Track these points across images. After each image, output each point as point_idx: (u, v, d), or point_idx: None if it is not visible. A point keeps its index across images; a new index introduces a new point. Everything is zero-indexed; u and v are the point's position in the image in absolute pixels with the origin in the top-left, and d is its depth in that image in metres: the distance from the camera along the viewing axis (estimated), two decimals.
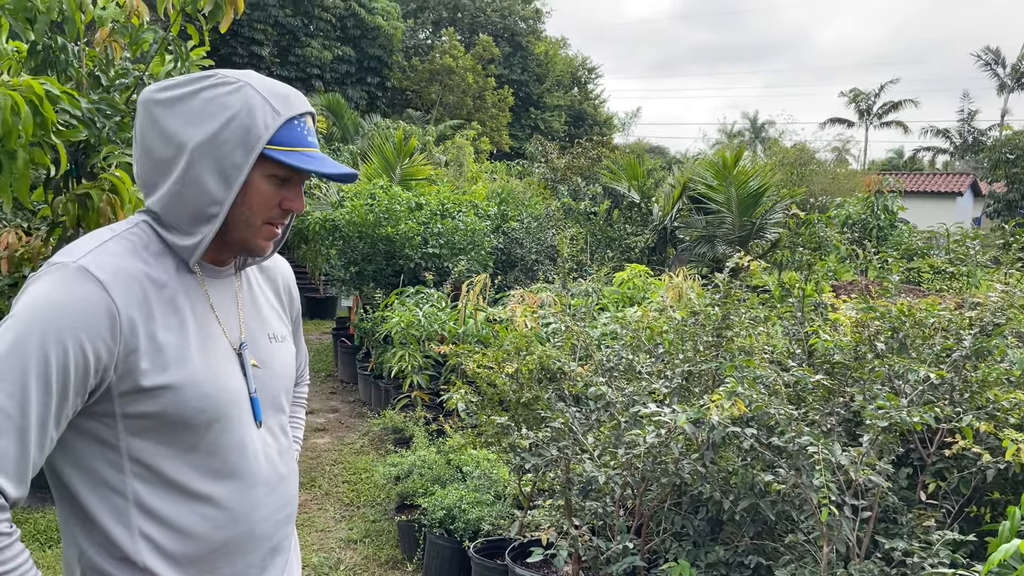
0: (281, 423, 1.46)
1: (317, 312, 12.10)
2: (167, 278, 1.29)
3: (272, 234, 1.36)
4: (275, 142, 1.28)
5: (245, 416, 1.35)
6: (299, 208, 1.35)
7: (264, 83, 1.31)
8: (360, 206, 8.11)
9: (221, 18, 4.11)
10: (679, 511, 2.78)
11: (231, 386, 1.33)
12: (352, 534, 4.47)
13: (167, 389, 1.23)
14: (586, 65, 37.16)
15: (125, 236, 1.29)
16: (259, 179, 1.30)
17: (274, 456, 1.40)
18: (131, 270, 1.25)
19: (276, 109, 1.29)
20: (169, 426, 1.25)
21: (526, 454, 2.84)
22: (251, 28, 22.85)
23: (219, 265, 1.39)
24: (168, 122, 1.28)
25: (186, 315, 1.30)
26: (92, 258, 1.22)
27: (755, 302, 3.18)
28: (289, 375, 1.50)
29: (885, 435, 2.16)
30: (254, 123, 1.27)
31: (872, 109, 45.52)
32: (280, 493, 1.41)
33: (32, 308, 1.17)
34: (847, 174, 23.89)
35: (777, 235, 11.36)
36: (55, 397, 1.16)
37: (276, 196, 1.33)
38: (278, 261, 1.60)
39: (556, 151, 18.30)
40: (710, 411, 2.19)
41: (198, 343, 1.29)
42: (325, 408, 7.22)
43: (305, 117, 1.33)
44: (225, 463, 1.31)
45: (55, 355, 1.15)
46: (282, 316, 1.55)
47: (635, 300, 6.50)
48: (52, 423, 1.17)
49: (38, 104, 3.45)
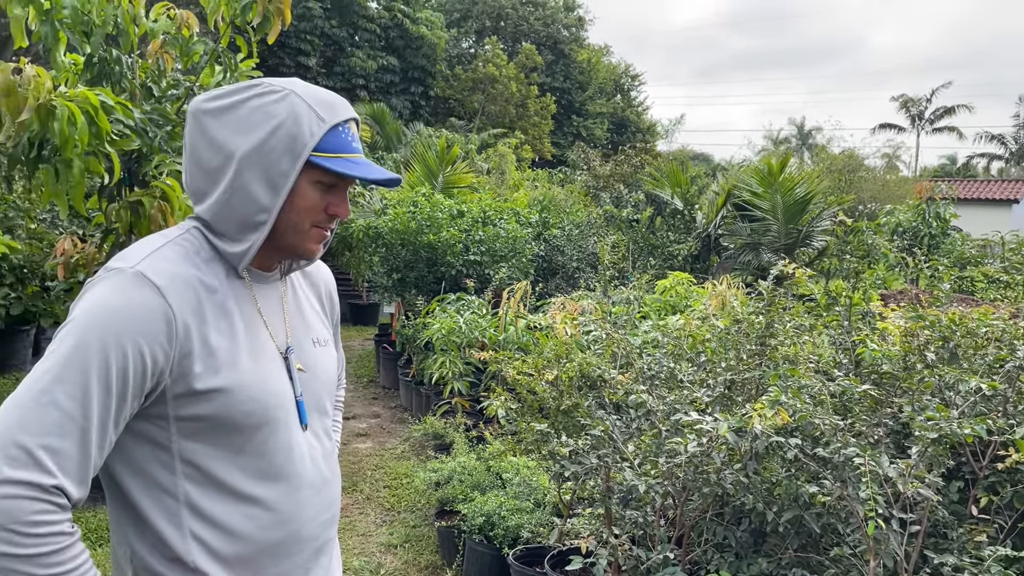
0: (325, 426, 1.48)
1: (360, 318, 12.23)
2: (218, 283, 1.32)
3: (321, 237, 1.38)
4: (320, 149, 1.30)
5: (291, 419, 1.37)
6: (345, 213, 1.37)
7: (309, 91, 1.33)
8: (403, 214, 8.19)
9: (269, 30, 4.20)
10: (721, 522, 2.74)
11: (279, 390, 1.35)
12: (392, 539, 4.50)
13: (219, 392, 1.26)
14: (629, 72, 37.04)
15: (178, 242, 1.32)
16: (306, 185, 1.32)
17: (319, 458, 1.42)
18: (185, 275, 1.27)
19: (321, 116, 1.30)
20: (220, 428, 1.27)
21: (566, 461, 2.83)
22: (298, 39, 23.28)
23: (266, 271, 1.42)
24: (217, 131, 1.30)
25: (236, 320, 1.32)
26: (148, 263, 1.25)
27: (800, 310, 3.13)
28: (332, 379, 1.52)
29: (935, 447, 2.10)
30: (300, 131, 1.29)
31: (924, 114, 44.51)
32: (325, 495, 1.43)
33: (92, 313, 1.20)
34: (897, 181, 23.38)
35: (824, 243, 11.16)
36: (115, 399, 1.18)
37: (322, 202, 1.35)
38: (320, 267, 1.63)
39: (599, 158, 18.25)
40: (753, 420, 2.15)
41: (247, 347, 1.32)
42: (367, 413, 7.28)
43: (349, 123, 1.35)
44: (272, 465, 1.33)
45: (115, 358, 1.17)
46: (324, 321, 1.58)
47: (678, 308, 6.44)
48: (112, 425, 1.20)
49: (94, 114, 3.56)
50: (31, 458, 1.10)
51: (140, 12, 4.18)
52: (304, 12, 23.48)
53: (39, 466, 1.11)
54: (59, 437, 1.12)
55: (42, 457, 1.11)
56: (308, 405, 1.42)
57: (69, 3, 3.92)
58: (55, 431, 1.12)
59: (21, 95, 3.43)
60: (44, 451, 1.11)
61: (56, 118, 3.45)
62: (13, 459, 1.10)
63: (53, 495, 1.11)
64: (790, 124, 49.93)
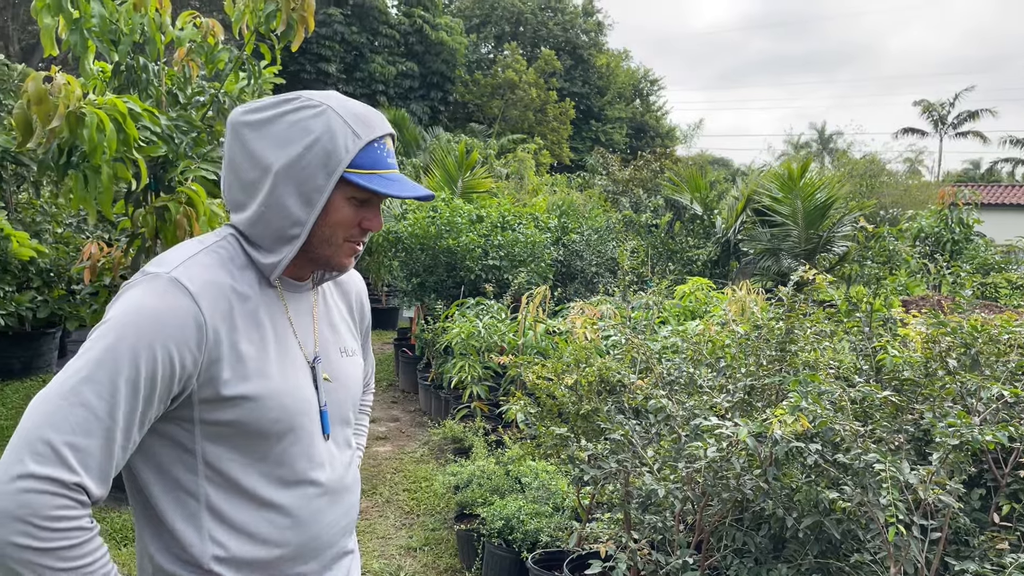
0: (347, 436, 1.50)
1: (380, 322, 12.30)
2: (250, 291, 1.34)
3: (353, 251, 1.40)
4: (355, 165, 1.32)
5: (315, 428, 1.39)
6: (377, 227, 1.39)
7: (346, 105, 1.34)
8: (422, 218, 8.24)
9: (293, 37, 4.26)
10: (741, 527, 2.74)
11: (305, 398, 1.37)
12: (412, 542, 4.53)
13: (246, 399, 1.28)
14: (648, 77, 36.99)
15: (214, 249, 1.34)
16: (340, 200, 1.34)
17: (339, 467, 1.44)
18: (219, 282, 1.30)
19: (357, 132, 1.32)
20: (244, 434, 1.29)
21: (585, 466, 2.85)
22: (319, 45, 23.49)
23: (298, 280, 1.44)
24: (255, 144, 1.33)
25: (266, 328, 1.34)
26: (183, 270, 1.27)
27: (821, 316, 3.12)
28: (357, 389, 1.54)
29: (956, 453, 2.09)
30: (335, 147, 1.30)
31: (946, 119, 44.06)
32: (344, 502, 1.45)
33: (126, 315, 1.22)
34: (920, 186, 23.17)
35: (845, 248, 11.09)
36: (142, 401, 1.21)
37: (356, 216, 1.37)
38: (353, 276, 1.65)
39: (618, 163, 18.24)
40: (773, 425, 2.16)
41: (276, 356, 1.34)
42: (387, 417, 7.33)
43: (385, 139, 1.36)
44: (293, 472, 1.35)
45: (145, 361, 1.20)
46: (353, 330, 1.60)
47: (697, 314, 6.43)
48: (137, 426, 1.22)
49: (122, 121, 3.62)
50: (56, 454, 1.13)
51: (166, 21, 4.25)
52: (325, 19, 23.68)
53: (63, 463, 1.13)
54: (84, 436, 1.15)
55: (66, 454, 1.13)
56: (332, 415, 1.44)
57: (98, 12, 4.00)
58: (81, 430, 1.15)
59: (52, 103, 3.50)
60: (69, 448, 1.14)
61: (85, 125, 3.51)
62: (39, 454, 1.12)
63: (75, 491, 1.13)
64: (811, 128, 49.61)
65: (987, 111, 42.87)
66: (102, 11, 4.03)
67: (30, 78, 3.49)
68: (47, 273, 7.66)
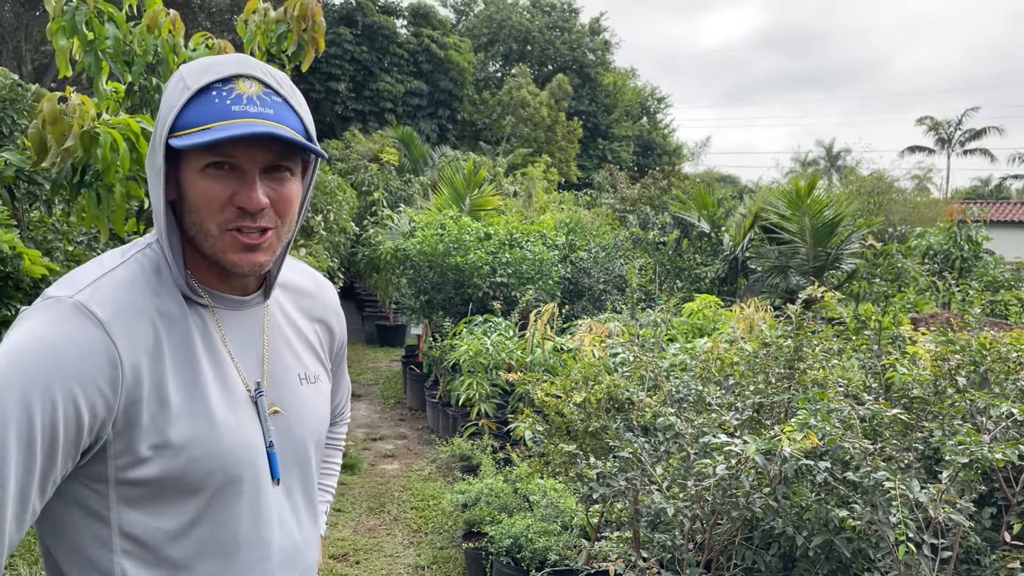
0: (305, 477, 1.24)
1: (387, 340, 12.32)
2: (177, 311, 1.10)
3: (238, 244, 1.09)
4: (182, 127, 1.04)
5: (261, 474, 1.14)
6: (253, 204, 1.06)
7: (200, 61, 1.09)
8: (430, 236, 8.28)
9: (303, 58, 4.31)
10: (750, 546, 2.73)
11: (246, 441, 1.12)
12: (420, 560, 4.52)
13: (170, 448, 1.04)
14: (655, 95, 37.17)
15: (137, 259, 1.11)
16: (192, 175, 1.07)
17: (289, 520, 1.20)
18: (138, 304, 1.06)
19: (187, 84, 1.06)
20: (169, 493, 1.06)
21: (594, 484, 2.84)
22: (329, 64, 23.69)
23: (241, 294, 1.19)
24: None
25: (199, 356, 1.10)
26: (91, 292, 1.03)
27: (830, 334, 3.12)
28: (321, 421, 1.28)
29: (965, 472, 2.09)
30: (166, 110, 1.06)
31: (953, 137, 44.04)
32: (296, 562, 1.21)
33: (14, 354, 0.97)
34: (928, 203, 23.13)
35: (854, 265, 11.06)
36: (39, 461, 0.97)
37: (222, 193, 1.06)
38: (323, 287, 1.39)
39: (626, 180, 18.29)
40: (782, 443, 2.16)
41: (212, 390, 1.10)
42: (394, 435, 7.33)
43: (236, 81, 1.06)
44: (235, 535, 1.11)
45: (40, 410, 0.95)
46: (320, 352, 1.34)
47: (705, 331, 6.42)
48: (35, 493, 0.98)
49: (135, 140, 3.67)
50: None
51: (179, 42, 4.31)
52: (335, 38, 23.92)
53: None
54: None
55: None
56: (283, 455, 1.18)
57: (112, 34, 4.07)
58: None
59: (66, 123, 3.55)
60: None
61: (99, 144, 3.56)
62: None
63: None
64: (818, 146, 49.63)
65: (994, 128, 42.85)
66: (116, 33, 4.09)
67: (45, 99, 3.54)
68: None
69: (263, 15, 4.28)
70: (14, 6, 21.02)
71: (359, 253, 11.98)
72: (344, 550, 4.60)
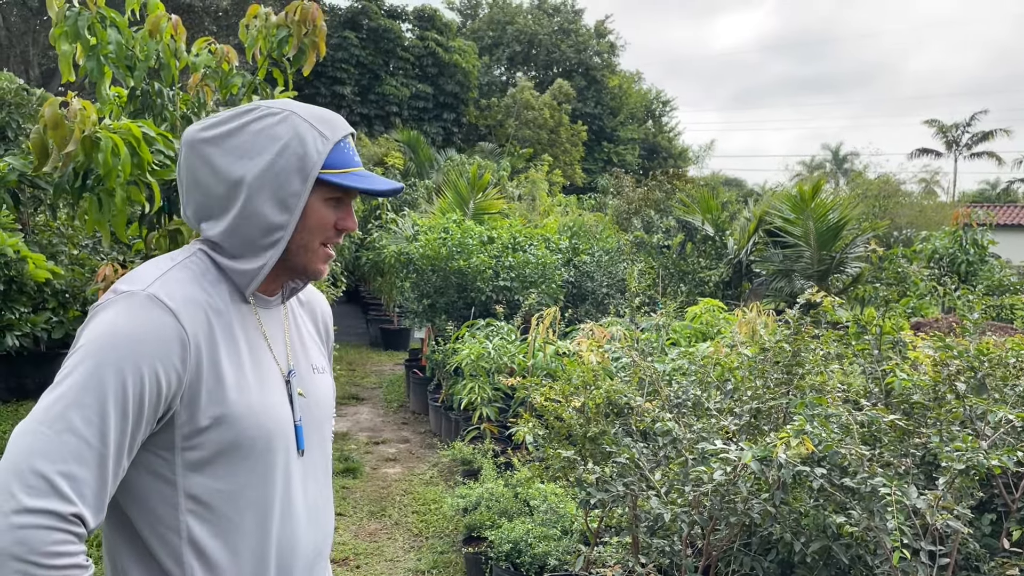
0: (324, 451, 1.47)
1: (391, 343, 12.32)
2: (224, 307, 1.31)
3: (328, 256, 1.39)
4: (327, 166, 1.32)
5: (291, 445, 1.36)
6: (353, 227, 1.39)
7: (306, 110, 1.35)
8: (433, 240, 8.28)
9: (304, 62, 4.32)
10: (749, 552, 2.72)
11: (281, 415, 1.34)
12: (420, 564, 4.51)
13: (226, 417, 1.25)
14: (660, 98, 37.14)
15: (186, 264, 1.32)
16: (316, 203, 1.34)
17: (312, 487, 1.41)
18: (195, 298, 1.27)
19: (324, 134, 1.32)
20: (224, 456, 1.26)
21: (592, 489, 2.84)
22: (334, 68, 23.77)
23: (269, 295, 1.42)
24: (219, 159, 1.31)
25: (242, 344, 1.32)
26: (160, 285, 1.24)
27: (830, 338, 3.11)
28: (329, 406, 1.51)
29: (962, 478, 2.08)
30: (307, 150, 1.31)
31: (960, 140, 43.91)
32: (320, 523, 1.43)
33: (106, 336, 1.18)
34: (935, 206, 23.04)
35: (858, 269, 11.02)
36: (131, 425, 1.17)
37: (332, 218, 1.36)
38: (317, 296, 1.62)
39: (631, 183, 18.28)
40: (777, 449, 2.15)
41: (253, 372, 1.31)
42: (396, 438, 7.33)
43: (347, 138, 1.37)
44: (271, 495, 1.32)
45: (132, 383, 1.16)
46: (321, 348, 1.57)
47: (707, 335, 6.41)
48: (127, 451, 1.18)
49: (136, 145, 3.68)
50: (50, 486, 1.08)
51: (181, 47, 4.32)
52: (341, 42, 23.98)
53: (59, 494, 1.09)
54: (78, 464, 1.11)
55: (61, 485, 1.09)
56: (307, 431, 1.40)
57: (114, 39, 4.08)
58: (73, 458, 1.11)
59: (68, 127, 3.56)
60: (63, 478, 1.09)
61: (100, 149, 3.57)
62: (32, 487, 1.07)
63: (72, 524, 1.09)
64: (824, 149, 49.51)
65: (1002, 131, 42.72)
66: (119, 38, 4.11)
67: (47, 103, 3.55)
68: (62, 294, 7.74)
69: (264, 20, 4.29)
70: (22, 11, 21.15)
71: (363, 257, 12.00)
72: (345, 554, 4.60)
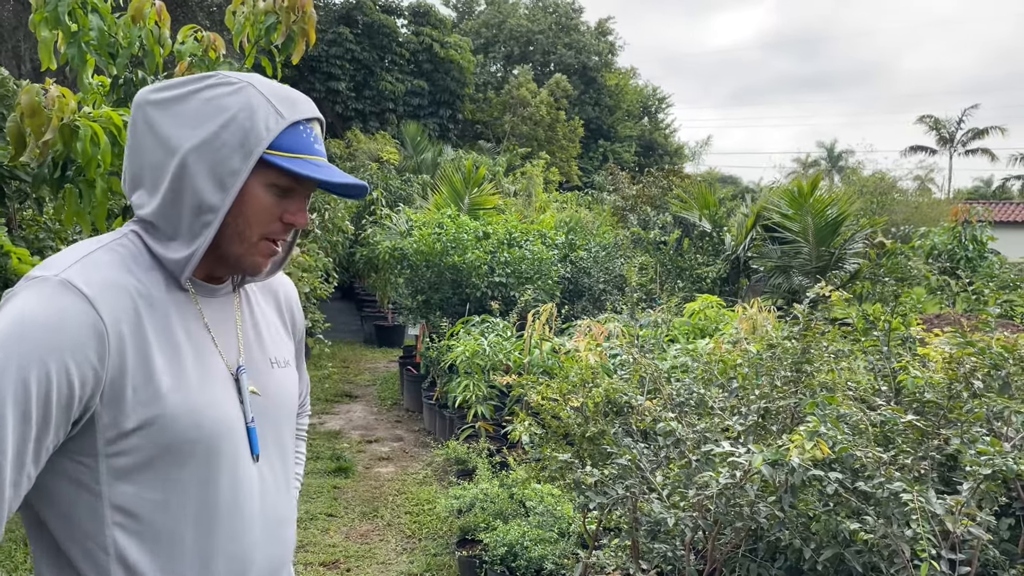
0: (283, 456, 1.33)
1: (385, 340, 12.20)
2: (158, 294, 1.17)
3: (270, 251, 1.23)
4: (277, 147, 1.17)
5: (241, 449, 1.21)
6: (302, 223, 1.23)
7: (269, 85, 1.21)
8: (428, 235, 8.15)
9: (293, 50, 4.18)
10: (754, 558, 2.60)
11: (227, 415, 1.20)
12: (413, 568, 4.39)
13: (158, 419, 1.11)
14: (657, 95, 37.03)
15: (113, 247, 1.18)
16: (258, 188, 1.19)
17: (272, 493, 1.27)
18: (121, 283, 1.13)
19: (279, 111, 1.18)
20: (157, 462, 1.12)
21: (591, 492, 2.72)
22: (329, 64, 23.58)
23: (214, 282, 1.27)
24: (163, 124, 1.17)
25: (179, 336, 1.17)
26: (77, 270, 1.10)
27: (836, 335, 2.99)
28: (292, 404, 1.38)
29: (988, 483, 1.96)
30: (254, 125, 1.16)
31: (955, 137, 43.92)
32: (279, 536, 1.29)
33: (10, 328, 1.04)
34: (930, 203, 22.98)
35: (857, 265, 10.92)
36: (35, 429, 1.04)
37: (277, 208, 1.21)
38: (281, 279, 1.48)
39: (627, 179, 18.16)
40: (790, 452, 2.03)
41: (193, 367, 1.17)
42: (390, 437, 7.20)
43: (313, 123, 1.23)
44: (216, 505, 1.17)
45: (36, 380, 1.02)
46: (285, 339, 1.43)
47: (707, 332, 6.29)
48: (31, 458, 1.05)
49: (117, 135, 3.54)
50: None
51: (165, 34, 4.18)
52: (336, 37, 23.81)
53: None
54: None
55: None
56: (262, 432, 1.26)
57: (96, 25, 3.94)
58: None
59: (45, 115, 3.43)
60: None
61: (79, 138, 3.44)
62: None
63: None
64: (819, 147, 49.46)
65: (996, 128, 42.69)
66: (100, 24, 3.97)
67: (24, 90, 3.42)
68: None
69: (252, 6, 4.16)
70: (14, 6, 20.94)
71: (357, 253, 11.86)
72: (335, 556, 4.47)
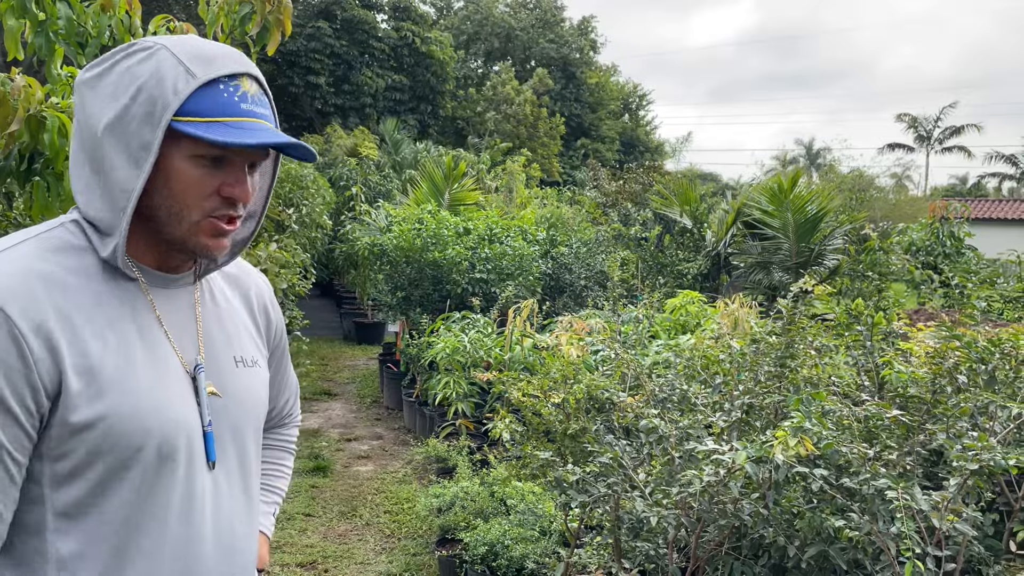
0: (243, 463, 1.22)
1: (365, 337, 12.10)
2: (99, 285, 1.08)
3: (216, 230, 1.12)
4: (190, 112, 1.05)
5: (196, 455, 1.12)
6: (242, 196, 1.11)
7: (186, 44, 1.08)
8: (407, 231, 8.08)
9: (268, 40, 4.09)
10: (738, 556, 2.57)
11: (180, 417, 1.10)
12: (392, 568, 4.33)
13: (104, 418, 1.03)
14: (638, 92, 37.08)
15: (45, 238, 1.09)
16: (181, 161, 1.08)
17: (226, 506, 1.17)
18: (44, 273, 1.04)
19: (191, 71, 1.05)
20: (100, 466, 1.05)
21: (572, 491, 2.67)
22: (308, 58, 23.39)
23: (170, 272, 1.18)
24: (90, 102, 1.09)
25: (126, 329, 1.08)
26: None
27: (819, 330, 2.97)
28: (258, 407, 1.27)
29: (975, 478, 1.93)
30: (162, 91, 1.05)
31: (932, 134, 44.39)
32: (234, 549, 1.18)
33: None
34: (907, 200, 23.20)
35: (836, 261, 10.98)
36: (13, 422, 1.00)
37: (210, 181, 1.09)
38: (252, 274, 1.38)
39: (607, 176, 18.15)
40: (774, 449, 1.99)
41: (143, 363, 1.08)
42: (369, 435, 7.12)
43: (240, 79, 1.09)
44: (167, 515, 1.10)
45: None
46: (256, 338, 1.32)
47: (688, 327, 6.27)
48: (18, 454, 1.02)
49: None
50: None
51: (137, 23, 4.08)
52: (314, 32, 23.61)
53: None
54: None
55: None
56: (220, 437, 1.17)
57: (64, 14, 3.83)
58: None
59: (11, 106, 3.33)
60: None
61: (46, 129, 3.34)
62: None
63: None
64: (797, 144, 49.82)
65: (972, 126, 43.20)
66: (69, 13, 3.85)
67: None
68: None
69: None
70: None
71: (336, 249, 11.74)
72: (312, 557, 4.39)
